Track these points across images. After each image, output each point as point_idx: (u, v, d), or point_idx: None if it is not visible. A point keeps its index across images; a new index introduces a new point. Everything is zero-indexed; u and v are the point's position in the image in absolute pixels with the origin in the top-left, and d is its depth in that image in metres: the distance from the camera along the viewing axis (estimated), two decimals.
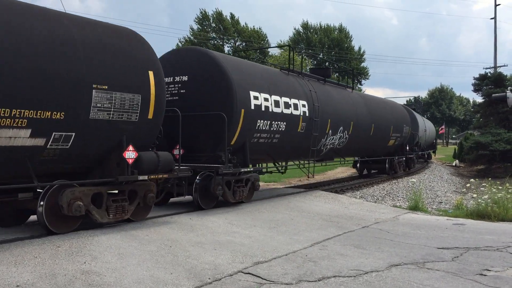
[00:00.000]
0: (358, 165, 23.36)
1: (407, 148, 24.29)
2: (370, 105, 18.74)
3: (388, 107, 21.49)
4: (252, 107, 10.83)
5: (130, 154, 7.67)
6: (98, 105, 7.16)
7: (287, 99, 12.26)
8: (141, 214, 8.50)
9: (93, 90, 7.05)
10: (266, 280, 5.58)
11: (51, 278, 5.18)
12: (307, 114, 13.04)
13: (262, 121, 11.18)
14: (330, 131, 14.53)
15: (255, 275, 5.74)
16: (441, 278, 5.76)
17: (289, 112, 12.26)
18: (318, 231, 8.69)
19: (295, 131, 12.68)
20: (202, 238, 7.61)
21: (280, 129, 11.94)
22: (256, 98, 10.98)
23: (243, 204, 11.17)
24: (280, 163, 14.37)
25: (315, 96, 13.67)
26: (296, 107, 12.59)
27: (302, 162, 15.54)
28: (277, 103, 11.77)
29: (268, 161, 13.36)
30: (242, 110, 10.47)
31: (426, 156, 37.24)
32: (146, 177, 8.00)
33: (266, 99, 11.33)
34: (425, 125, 33.70)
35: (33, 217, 9.21)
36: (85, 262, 5.83)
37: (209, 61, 10.60)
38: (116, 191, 8.01)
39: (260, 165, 13.69)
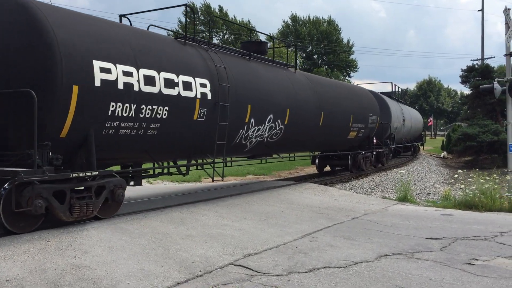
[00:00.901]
0: (316, 161, 19.83)
1: (374, 141, 20.84)
2: (320, 89, 15.18)
3: (346, 93, 17.78)
4: (98, 83, 7.49)
5: None
6: None
7: (171, 76, 8.93)
8: None
9: None
10: (256, 272, 5.61)
11: (41, 273, 5.16)
12: (209, 97, 9.75)
13: (119, 104, 7.82)
14: (253, 120, 11.24)
15: (246, 267, 5.77)
16: (429, 268, 5.83)
17: (175, 93, 8.93)
18: (308, 223, 8.74)
19: (189, 119, 9.41)
20: (193, 231, 7.62)
21: (159, 116, 8.65)
22: (106, 70, 7.65)
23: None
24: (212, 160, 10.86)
25: (225, 73, 10.35)
26: (188, 86, 9.27)
27: (230, 159, 12.74)
28: (150, 80, 8.41)
29: (148, 160, 9.70)
30: (75, 87, 7.20)
31: (412, 149, 35.02)
32: None
33: (128, 73, 7.98)
34: (404, 115, 29.23)
35: None
36: (75, 256, 5.81)
37: (20, 12, 7.16)
38: None
39: (164, 164, 10.66)
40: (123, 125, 8.08)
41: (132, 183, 9.41)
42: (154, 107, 8.54)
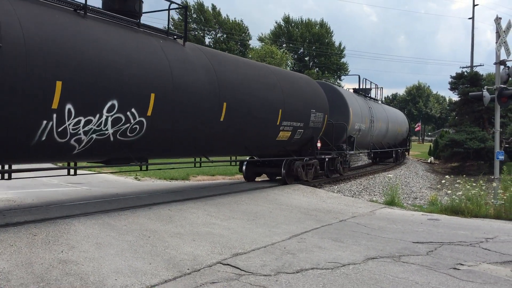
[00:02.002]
0: (244, 168, 15.54)
1: (318, 144, 16.27)
2: (223, 70, 10.97)
3: (273, 79, 13.23)
4: None
5: None
6: None
7: None
8: None
9: None
10: (245, 271, 5.61)
11: (27, 267, 5.12)
12: None
13: None
14: (71, 106, 7.36)
15: (234, 266, 5.77)
16: (416, 271, 5.88)
17: None
18: (296, 224, 8.77)
19: None
20: (181, 229, 7.60)
21: None
22: None
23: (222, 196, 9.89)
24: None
25: None
26: None
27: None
28: None
29: None
30: None
31: (394, 155, 30.76)
32: None
33: None
34: (374, 115, 23.61)
35: (5, 205, 9.09)
36: (62, 251, 5.77)
37: None
38: None
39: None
40: None
41: None
42: None
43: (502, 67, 13.03)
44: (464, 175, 16.16)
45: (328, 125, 16.61)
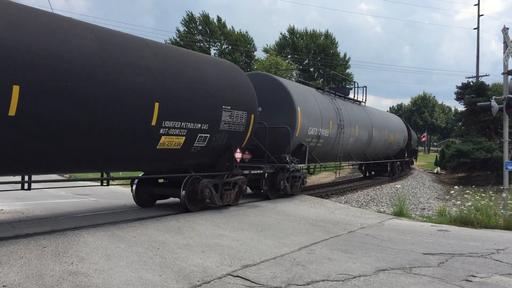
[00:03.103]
0: (134, 188, 11.12)
1: (238, 155, 11.37)
2: (30, 31, 6.69)
3: (149, 58, 8.78)
4: None
5: None
6: None
7: None
8: None
9: None
10: (255, 283, 5.57)
11: (38, 279, 5.10)
12: None
13: None
14: None
15: (244, 278, 5.73)
16: (428, 283, 5.82)
17: None
18: (305, 235, 8.72)
19: None
20: (190, 240, 7.58)
21: None
22: None
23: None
24: None
25: None
26: None
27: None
28: None
29: None
30: None
31: (389, 168, 26.96)
32: None
33: None
34: (346, 118, 18.45)
35: (6, 217, 9.09)
36: (72, 263, 5.75)
37: None
38: None
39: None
40: None
41: None
42: None
43: (510, 77, 12.99)
44: (473, 186, 16.06)
45: (259, 129, 12.59)
